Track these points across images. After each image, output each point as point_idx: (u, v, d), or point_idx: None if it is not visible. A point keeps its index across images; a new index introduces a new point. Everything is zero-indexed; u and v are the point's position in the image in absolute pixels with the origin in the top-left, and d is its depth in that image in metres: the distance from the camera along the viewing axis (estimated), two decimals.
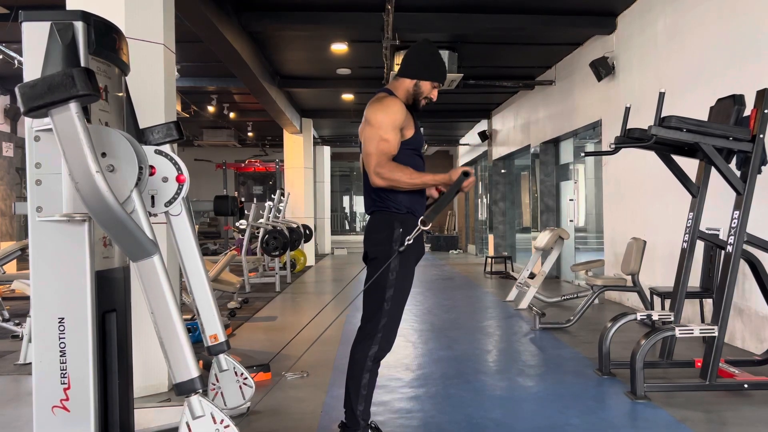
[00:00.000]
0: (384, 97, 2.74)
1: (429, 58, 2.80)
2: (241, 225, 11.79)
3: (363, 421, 2.67)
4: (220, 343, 3.06)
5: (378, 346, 2.66)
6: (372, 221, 2.77)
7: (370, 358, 2.65)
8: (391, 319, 2.68)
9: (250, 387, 3.16)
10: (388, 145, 2.64)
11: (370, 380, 2.67)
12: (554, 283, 9.32)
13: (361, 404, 2.65)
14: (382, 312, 2.65)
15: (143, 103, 3.16)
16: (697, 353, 4.29)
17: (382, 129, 2.64)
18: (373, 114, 2.69)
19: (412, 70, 2.78)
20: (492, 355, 4.82)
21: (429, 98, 2.83)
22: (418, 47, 2.83)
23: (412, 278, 2.76)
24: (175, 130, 2.71)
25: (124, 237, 2.05)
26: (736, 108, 3.68)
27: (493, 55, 8.83)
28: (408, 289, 2.74)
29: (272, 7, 6.76)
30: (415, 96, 2.79)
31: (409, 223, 2.68)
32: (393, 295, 2.66)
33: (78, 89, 1.93)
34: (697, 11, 5.47)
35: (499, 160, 13.32)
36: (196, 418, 2.05)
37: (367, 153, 2.65)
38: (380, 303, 2.66)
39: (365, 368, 2.65)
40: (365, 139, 2.68)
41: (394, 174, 2.61)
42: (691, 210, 3.91)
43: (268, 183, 21.22)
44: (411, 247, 2.69)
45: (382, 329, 2.66)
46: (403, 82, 2.80)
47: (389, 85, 2.85)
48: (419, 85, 2.78)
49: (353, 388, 2.66)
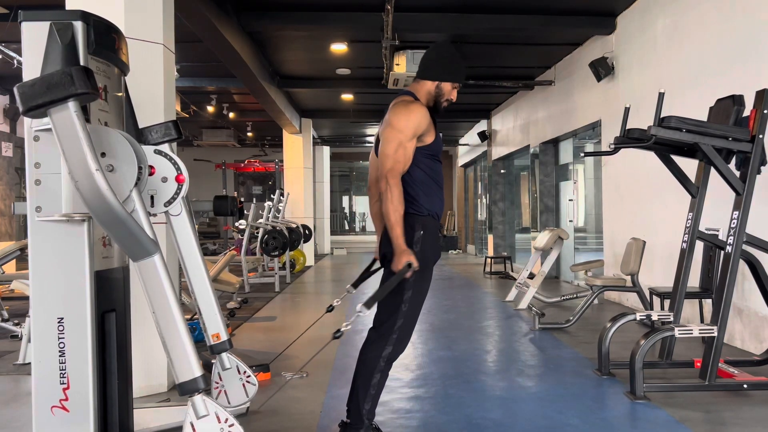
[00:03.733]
0: (410, 102, 2.72)
1: (449, 60, 2.80)
2: (241, 225, 11.80)
3: (368, 421, 2.67)
4: (222, 342, 3.07)
5: (393, 347, 2.66)
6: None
7: (383, 359, 2.65)
8: (407, 321, 2.67)
9: (253, 385, 3.17)
10: (405, 154, 2.62)
11: (380, 381, 2.67)
12: (554, 283, 9.32)
13: (368, 403, 2.65)
14: (399, 313, 2.65)
15: (143, 103, 3.16)
16: (696, 353, 4.29)
17: (403, 135, 2.62)
18: (397, 118, 2.66)
19: (432, 72, 2.77)
20: (491, 356, 4.82)
21: (449, 99, 2.82)
22: (438, 49, 2.82)
23: (431, 280, 2.76)
24: (174, 130, 2.72)
25: (125, 236, 2.05)
26: (735, 108, 3.68)
27: (493, 55, 8.83)
28: (426, 291, 2.73)
29: (272, 7, 6.76)
30: (436, 98, 2.78)
31: (430, 226, 2.68)
32: (411, 297, 2.66)
33: (77, 88, 1.93)
34: (697, 11, 5.47)
35: (499, 160, 13.32)
36: (201, 417, 2.05)
37: (385, 154, 2.63)
38: (398, 304, 2.65)
39: (377, 368, 2.65)
40: (385, 140, 2.66)
41: (394, 193, 2.56)
42: (691, 210, 3.91)
43: (267, 183, 21.22)
44: (429, 249, 2.69)
45: (398, 330, 2.66)
46: (424, 84, 2.78)
47: (410, 88, 2.82)
48: (440, 87, 2.77)
49: (362, 387, 2.65)
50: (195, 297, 3.03)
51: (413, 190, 2.68)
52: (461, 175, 18.67)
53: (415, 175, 2.69)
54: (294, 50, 8.53)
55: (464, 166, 18.12)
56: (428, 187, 2.71)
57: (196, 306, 3.04)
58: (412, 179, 2.68)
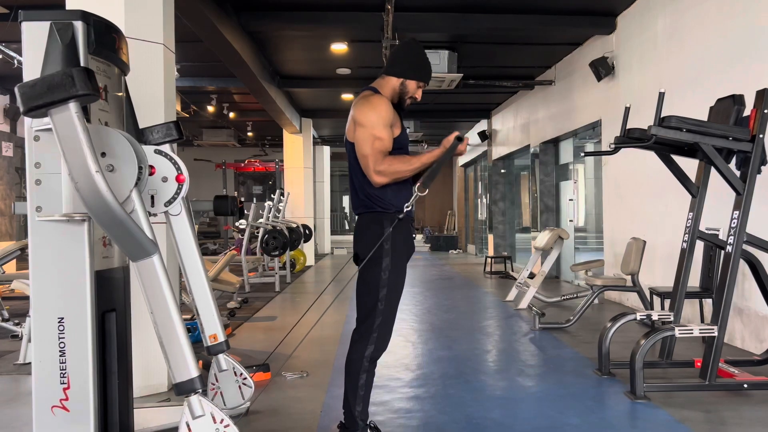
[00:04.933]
0: (370, 95, 2.73)
1: (416, 58, 2.80)
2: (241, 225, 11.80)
3: (362, 422, 2.67)
4: (219, 343, 3.06)
5: (374, 346, 2.67)
6: (361, 222, 2.77)
7: (366, 359, 2.66)
8: (385, 319, 2.68)
9: (249, 387, 3.16)
10: (382, 143, 2.63)
11: (367, 380, 2.67)
12: (554, 283, 9.32)
13: (359, 405, 2.66)
14: (376, 312, 2.66)
15: (143, 103, 3.16)
16: (696, 353, 4.29)
17: (374, 128, 2.63)
18: (363, 114, 2.67)
19: (399, 69, 2.77)
20: (492, 355, 4.82)
21: (414, 98, 2.82)
22: (406, 46, 2.83)
23: (405, 276, 2.77)
24: (175, 130, 2.72)
25: (124, 237, 2.05)
26: (735, 108, 3.68)
27: (493, 55, 8.83)
28: (401, 287, 2.74)
29: (272, 6, 6.76)
30: (401, 95, 2.79)
31: (398, 222, 2.68)
32: (386, 295, 2.66)
33: (77, 89, 1.93)
34: (697, 11, 5.47)
35: (499, 160, 13.32)
36: (196, 417, 2.05)
37: (363, 155, 2.64)
38: (374, 303, 2.66)
39: (362, 369, 2.65)
40: (359, 141, 2.66)
41: (394, 166, 2.61)
42: (691, 210, 3.91)
43: (267, 183, 21.23)
44: (401, 246, 2.70)
45: (377, 329, 2.66)
46: (389, 80, 2.79)
47: (375, 83, 2.83)
48: (405, 84, 2.77)
49: (350, 389, 2.67)
50: (193, 298, 3.03)
51: (380, 187, 2.68)
52: (461, 175, 18.67)
53: None
54: (294, 50, 8.53)
55: (464, 166, 18.12)
56: (395, 182, 2.69)
57: (194, 307, 3.04)
58: None
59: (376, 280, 2.65)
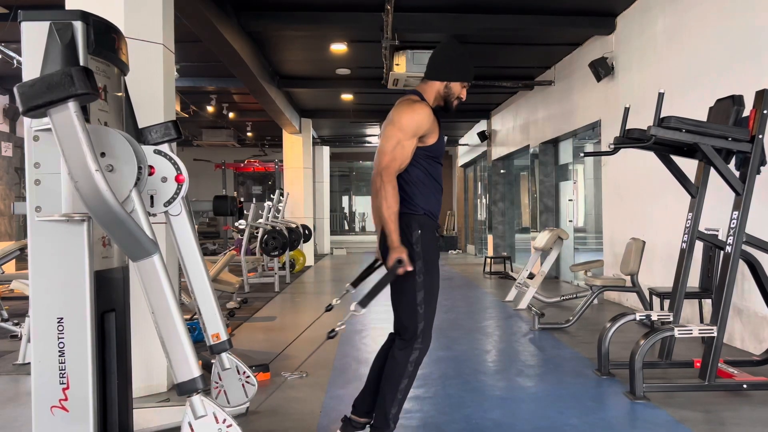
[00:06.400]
0: (415, 101, 2.70)
1: (457, 58, 2.77)
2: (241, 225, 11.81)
3: (393, 424, 2.68)
4: (222, 342, 3.07)
5: (419, 351, 2.67)
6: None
7: (411, 364, 2.66)
8: (427, 322, 2.68)
9: (252, 385, 3.17)
10: (402, 152, 2.61)
11: (407, 385, 2.68)
12: (553, 283, 9.32)
13: (395, 408, 2.67)
14: (418, 316, 2.65)
15: (142, 103, 3.16)
16: (696, 353, 4.29)
17: (403, 133, 2.61)
18: (400, 116, 2.65)
19: (441, 72, 2.75)
20: (491, 356, 4.82)
21: (460, 98, 2.80)
22: (445, 48, 2.79)
23: (439, 276, 2.74)
24: (174, 130, 2.71)
25: (124, 236, 2.04)
26: (735, 108, 3.68)
27: (493, 55, 8.83)
28: (437, 288, 2.72)
29: (272, 6, 6.76)
30: (446, 98, 2.77)
31: (427, 225, 2.67)
32: (424, 298, 2.65)
33: (77, 88, 1.93)
34: (697, 11, 5.47)
35: (499, 160, 13.32)
36: (199, 417, 2.05)
37: (384, 150, 2.62)
38: (414, 308, 2.65)
39: (405, 373, 2.66)
40: (385, 136, 2.65)
41: (388, 191, 2.56)
42: (690, 210, 3.91)
43: (267, 183, 21.22)
44: (432, 246, 2.68)
45: (421, 334, 2.67)
46: (432, 84, 2.76)
47: (418, 88, 2.80)
48: (450, 87, 2.75)
49: (389, 391, 2.66)
50: (195, 297, 3.03)
51: (410, 189, 2.67)
52: (461, 175, 18.67)
53: (413, 175, 2.68)
54: (294, 50, 8.53)
55: (464, 166, 18.12)
56: (426, 187, 2.70)
57: (196, 306, 3.04)
58: (410, 178, 2.67)
59: (411, 285, 2.63)
